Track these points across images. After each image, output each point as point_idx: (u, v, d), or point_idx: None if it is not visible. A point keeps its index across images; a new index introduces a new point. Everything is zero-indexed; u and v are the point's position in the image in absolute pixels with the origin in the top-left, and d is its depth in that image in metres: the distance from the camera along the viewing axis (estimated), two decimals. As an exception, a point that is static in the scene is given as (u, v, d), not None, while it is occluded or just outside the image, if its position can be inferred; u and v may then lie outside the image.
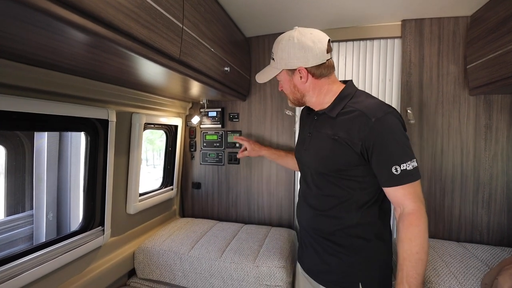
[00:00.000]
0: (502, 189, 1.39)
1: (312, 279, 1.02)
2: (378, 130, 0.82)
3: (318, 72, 0.93)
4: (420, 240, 0.80)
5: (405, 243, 0.81)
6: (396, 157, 0.81)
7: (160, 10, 0.79)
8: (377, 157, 0.83)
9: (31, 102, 0.88)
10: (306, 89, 0.96)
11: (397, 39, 1.55)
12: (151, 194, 1.62)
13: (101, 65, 0.86)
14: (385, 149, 0.82)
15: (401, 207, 0.85)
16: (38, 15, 0.49)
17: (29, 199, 1.35)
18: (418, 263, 0.79)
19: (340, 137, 0.88)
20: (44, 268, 0.97)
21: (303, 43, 0.89)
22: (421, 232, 0.80)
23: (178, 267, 1.33)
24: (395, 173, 0.81)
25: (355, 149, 0.85)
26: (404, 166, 0.81)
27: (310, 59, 0.90)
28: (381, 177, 0.85)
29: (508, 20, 1.07)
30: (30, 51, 0.72)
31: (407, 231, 0.81)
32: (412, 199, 0.82)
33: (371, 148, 0.83)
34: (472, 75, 1.35)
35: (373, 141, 0.82)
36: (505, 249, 1.29)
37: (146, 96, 1.40)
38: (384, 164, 0.83)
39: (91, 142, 1.19)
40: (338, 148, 0.89)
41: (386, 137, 0.82)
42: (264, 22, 1.51)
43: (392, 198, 0.87)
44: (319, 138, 0.97)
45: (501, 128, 1.38)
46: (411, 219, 0.81)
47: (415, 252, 0.79)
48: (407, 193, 0.82)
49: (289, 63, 0.93)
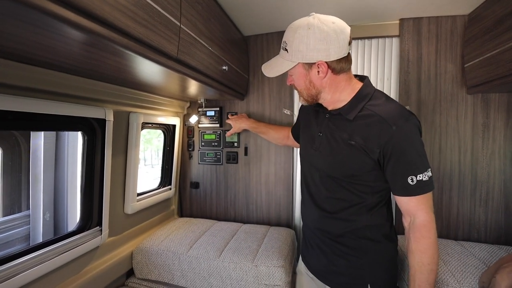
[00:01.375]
0: (499, 187, 1.40)
1: (319, 280, 1.01)
2: (399, 138, 0.78)
3: (338, 67, 0.84)
4: (432, 252, 0.80)
5: (417, 255, 0.81)
6: (414, 167, 0.79)
7: (157, 8, 0.78)
8: (393, 165, 0.80)
9: (27, 102, 0.87)
10: (323, 85, 0.87)
11: (395, 38, 1.55)
12: (149, 194, 1.61)
13: (98, 64, 0.85)
14: (403, 158, 0.79)
15: (412, 217, 0.84)
16: (32, 13, 0.49)
17: (25, 199, 1.34)
18: (430, 274, 0.80)
19: (357, 143, 0.83)
20: (41, 269, 0.96)
21: (325, 34, 0.78)
22: (432, 244, 0.80)
23: (176, 267, 1.33)
24: (411, 183, 0.79)
25: (372, 156, 0.82)
26: (421, 177, 0.78)
27: (332, 53, 0.80)
28: (395, 185, 0.83)
29: (505, 19, 1.07)
30: (25, 49, 0.71)
31: (419, 244, 0.81)
32: (425, 209, 0.81)
33: (388, 156, 0.80)
34: (470, 73, 1.35)
35: (391, 149, 0.79)
36: (502, 247, 1.29)
37: (144, 95, 1.39)
38: (400, 174, 0.80)
39: (89, 142, 1.18)
40: (354, 154, 0.84)
41: (405, 146, 0.79)
42: (262, 20, 1.50)
43: (404, 206, 0.85)
44: (333, 141, 0.90)
45: (498, 126, 1.39)
46: (422, 232, 0.81)
47: (426, 263, 0.80)
48: (420, 204, 0.81)
49: (307, 56, 0.81)
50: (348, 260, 0.93)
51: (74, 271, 1.13)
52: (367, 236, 0.91)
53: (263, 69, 0.95)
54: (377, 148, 0.80)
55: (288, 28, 0.86)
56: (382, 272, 0.92)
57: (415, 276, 0.81)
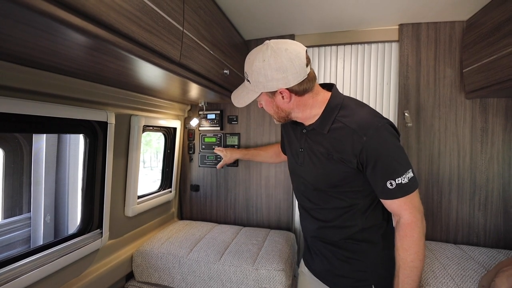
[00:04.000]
0: (498, 191, 1.41)
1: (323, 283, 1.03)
2: (371, 147, 0.80)
3: (301, 89, 0.85)
4: (415, 249, 0.82)
5: (401, 252, 0.84)
6: (390, 172, 0.80)
7: (161, 13, 0.79)
8: (371, 172, 0.83)
9: (30, 104, 0.88)
10: (290, 107, 0.89)
11: (394, 43, 1.57)
12: (150, 196, 1.62)
13: (101, 67, 0.86)
14: (379, 165, 0.81)
15: (398, 217, 0.86)
16: (39, 18, 0.50)
17: (26, 201, 1.34)
18: (413, 270, 0.83)
19: (335, 155, 0.86)
20: (41, 271, 0.96)
21: (279, 64, 0.79)
22: (415, 242, 0.83)
23: (176, 270, 1.33)
24: (390, 188, 0.81)
25: (351, 166, 0.84)
26: (399, 180, 0.80)
27: (291, 79, 0.81)
28: (377, 189, 0.85)
29: (503, 25, 1.09)
30: (30, 53, 0.72)
31: (403, 241, 0.84)
32: (408, 209, 0.83)
33: (365, 164, 0.83)
34: (468, 79, 1.37)
35: (366, 157, 0.81)
36: (502, 251, 1.30)
37: (145, 98, 1.40)
38: (379, 179, 0.82)
39: (90, 144, 1.19)
40: (335, 166, 0.87)
41: (379, 154, 0.80)
42: (263, 25, 1.52)
43: (389, 207, 0.87)
44: (313, 156, 0.93)
45: (496, 131, 1.40)
46: (406, 230, 0.83)
47: (409, 260, 0.83)
48: (403, 205, 0.83)
49: (267, 86, 0.83)
50: (351, 264, 0.95)
51: (74, 274, 1.12)
52: (366, 239, 0.93)
53: (233, 99, 0.96)
54: (354, 158, 0.83)
55: (246, 60, 0.88)
56: (384, 272, 0.93)
57: (399, 272, 0.85)
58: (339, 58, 1.67)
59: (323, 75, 1.70)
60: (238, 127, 1.82)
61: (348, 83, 1.66)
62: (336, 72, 1.68)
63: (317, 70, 1.71)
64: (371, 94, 1.62)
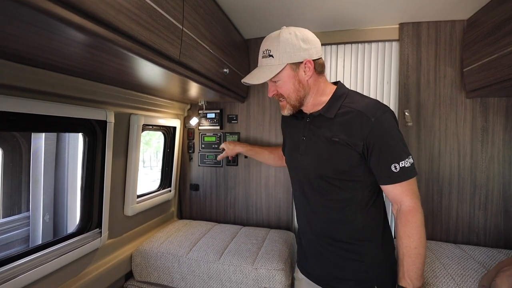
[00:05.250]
0: (498, 191, 1.40)
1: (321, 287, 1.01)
2: (378, 129, 0.83)
3: (319, 68, 0.92)
4: (418, 236, 0.83)
5: (404, 240, 0.85)
6: (395, 155, 0.83)
7: (161, 11, 0.79)
8: (377, 155, 0.84)
9: (28, 103, 0.87)
10: (309, 85, 0.93)
11: (394, 42, 1.57)
12: (149, 196, 1.61)
13: (100, 66, 0.86)
14: (385, 147, 0.84)
15: (399, 204, 0.87)
16: (38, 16, 0.49)
17: (25, 200, 1.34)
18: (417, 257, 0.83)
19: (341, 139, 0.87)
20: (40, 271, 0.95)
21: (305, 36, 0.88)
22: (418, 228, 0.84)
23: (176, 270, 1.32)
24: (394, 171, 0.83)
25: (356, 150, 0.86)
26: (403, 164, 0.83)
27: (314, 52, 0.89)
28: (380, 175, 0.87)
29: (504, 25, 1.08)
30: (29, 51, 0.71)
31: (406, 228, 0.85)
32: (410, 195, 0.85)
33: (372, 147, 0.84)
34: (469, 78, 1.37)
35: (373, 140, 0.83)
36: (502, 250, 1.30)
37: (145, 97, 1.40)
38: (383, 163, 0.84)
39: (89, 143, 1.18)
40: (339, 150, 0.88)
41: (385, 136, 0.84)
42: (263, 24, 1.51)
43: (390, 194, 0.88)
44: (317, 141, 0.94)
45: (497, 130, 1.40)
46: (408, 217, 0.85)
47: (413, 247, 0.83)
48: (405, 190, 0.85)
49: (295, 56, 0.87)
50: (352, 265, 0.94)
51: (73, 273, 1.12)
52: (367, 238, 0.93)
53: (247, 80, 0.97)
54: (360, 141, 0.85)
55: (267, 39, 0.93)
56: (386, 272, 0.94)
57: (403, 261, 0.85)
58: (339, 57, 1.66)
59: (323, 74, 1.70)
60: (238, 126, 1.81)
61: (349, 82, 1.66)
62: (337, 71, 1.67)
63: (317, 69, 1.70)
64: (371, 93, 1.62)
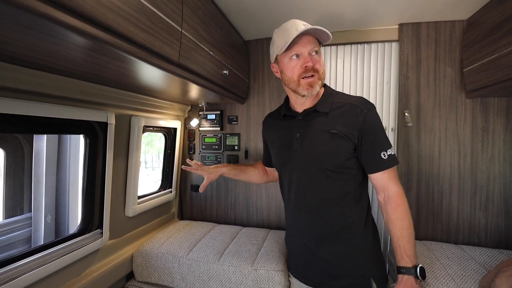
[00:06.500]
0: (499, 191, 1.40)
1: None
2: (370, 120, 0.92)
3: None
4: (408, 217, 0.92)
5: (397, 222, 0.92)
6: (384, 144, 0.93)
7: (160, 14, 0.79)
8: (369, 144, 0.92)
9: (30, 105, 0.88)
10: None
11: (394, 42, 1.57)
12: (150, 196, 1.62)
13: (100, 68, 0.87)
14: (375, 137, 0.93)
15: (386, 191, 0.95)
16: (38, 20, 0.50)
17: (27, 201, 1.35)
18: (411, 237, 0.91)
19: (339, 131, 0.93)
20: (42, 271, 0.96)
21: None
22: (407, 210, 0.93)
23: (176, 270, 1.33)
24: (384, 158, 0.92)
25: (353, 140, 0.93)
26: (389, 152, 0.93)
27: None
28: (372, 163, 0.94)
29: (503, 25, 1.08)
30: (29, 54, 0.73)
31: (397, 212, 0.92)
32: (395, 182, 0.95)
33: (365, 137, 0.92)
34: (469, 78, 1.36)
35: (366, 129, 0.92)
36: (503, 251, 1.29)
37: (145, 99, 1.41)
38: (375, 151, 0.93)
39: (90, 145, 1.19)
40: (338, 141, 0.94)
41: (375, 127, 0.93)
42: (262, 25, 1.52)
43: (379, 182, 0.96)
44: (314, 135, 0.98)
45: (497, 130, 1.39)
46: (398, 201, 0.93)
47: (406, 227, 0.91)
48: (391, 177, 0.94)
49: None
50: (348, 260, 0.97)
51: (75, 274, 1.13)
52: (360, 232, 0.97)
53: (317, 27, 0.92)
54: (356, 131, 0.92)
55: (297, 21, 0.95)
56: (377, 262, 1.00)
57: (399, 242, 0.91)
58: (339, 58, 1.67)
59: (323, 75, 1.70)
60: (238, 127, 1.82)
61: (348, 83, 1.66)
62: (336, 72, 1.67)
63: (317, 70, 1.71)
64: (371, 93, 1.62)
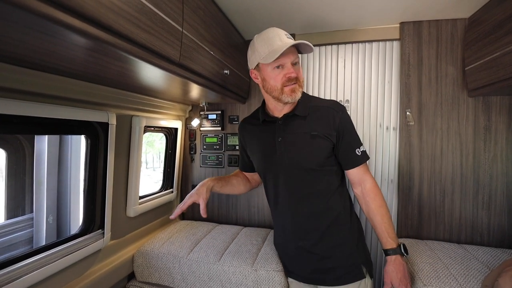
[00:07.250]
0: (502, 190, 1.39)
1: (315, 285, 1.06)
2: (344, 120, 1.02)
3: None
4: (385, 203, 1.05)
5: (378, 211, 1.02)
6: (357, 141, 1.04)
7: (160, 14, 0.79)
8: (345, 142, 1.02)
9: (31, 106, 0.88)
10: None
11: (395, 41, 1.56)
12: (151, 197, 1.62)
13: (101, 68, 0.87)
14: (350, 136, 1.03)
15: (362, 184, 1.06)
16: (38, 20, 0.50)
17: (29, 202, 1.35)
18: (389, 220, 1.03)
19: (319, 132, 1.01)
20: (43, 272, 0.96)
21: None
22: (383, 198, 1.05)
23: (177, 270, 1.33)
24: (358, 154, 1.03)
25: (332, 140, 1.01)
26: (362, 148, 1.04)
27: None
28: (349, 160, 1.04)
29: (505, 23, 1.07)
30: (30, 55, 0.72)
31: (376, 201, 1.03)
32: (369, 174, 1.07)
33: (342, 136, 1.01)
34: (471, 76, 1.36)
35: (342, 129, 1.01)
36: (506, 250, 1.28)
37: (146, 99, 1.41)
38: (350, 148, 1.03)
39: (91, 145, 1.19)
40: (319, 142, 1.01)
41: (349, 126, 1.03)
42: (263, 25, 1.51)
43: (356, 177, 1.06)
44: (296, 138, 1.04)
45: (500, 129, 1.39)
46: (375, 191, 1.04)
47: (385, 213, 1.03)
48: (366, 170, 1.06)
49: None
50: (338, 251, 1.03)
51: (76, 274, 1.13)
52: (346, 221, 1.06)
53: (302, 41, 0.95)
54: (334, 131, 1.01)
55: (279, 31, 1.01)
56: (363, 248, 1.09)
57: (382, 227, 1.01)
58: (340, 57, 1.66)
59: (323, 75, 1.70)
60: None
61: (349, 82, 1.65)
62: (337, 71, 1.67)
63: (318, 69, 1.70)
64: (373, 93, 1.61)
